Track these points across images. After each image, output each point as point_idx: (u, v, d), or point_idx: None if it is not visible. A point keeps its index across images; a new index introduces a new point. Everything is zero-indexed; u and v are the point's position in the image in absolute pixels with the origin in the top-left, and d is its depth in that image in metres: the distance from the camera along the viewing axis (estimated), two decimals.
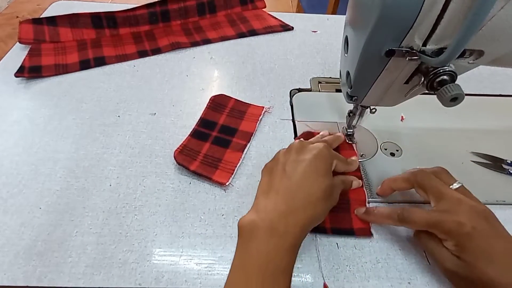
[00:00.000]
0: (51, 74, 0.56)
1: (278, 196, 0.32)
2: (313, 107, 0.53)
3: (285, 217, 0.31)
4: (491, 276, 0.28)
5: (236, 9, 0.73)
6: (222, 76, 0.58)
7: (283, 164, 0.35)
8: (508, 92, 0.57)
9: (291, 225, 0.31)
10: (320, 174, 0.34)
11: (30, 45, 0.60)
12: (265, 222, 0.31)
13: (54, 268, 0.34)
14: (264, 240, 0.30)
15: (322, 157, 0.35)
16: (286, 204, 0.32)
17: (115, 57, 0.60)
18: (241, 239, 0.31)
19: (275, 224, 0.30)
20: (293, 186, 0.33)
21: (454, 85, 0.28)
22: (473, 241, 0.30)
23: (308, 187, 0.33)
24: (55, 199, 0.40)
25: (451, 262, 0.31)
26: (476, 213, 0.31)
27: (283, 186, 0.33)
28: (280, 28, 0.69)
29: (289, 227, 0.30)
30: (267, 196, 0.33)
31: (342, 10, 0.98)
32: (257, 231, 0.30)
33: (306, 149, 0.36)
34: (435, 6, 0.26)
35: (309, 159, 0.34)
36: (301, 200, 0.32)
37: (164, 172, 0.43)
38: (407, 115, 0.51)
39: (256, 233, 0.30)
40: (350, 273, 0.35)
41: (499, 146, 0.47)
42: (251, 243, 0.30)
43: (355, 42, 0.33)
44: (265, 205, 0.32)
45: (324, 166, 0.35)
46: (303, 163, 0.34)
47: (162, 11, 0.67)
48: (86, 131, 0.48)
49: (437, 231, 0.32)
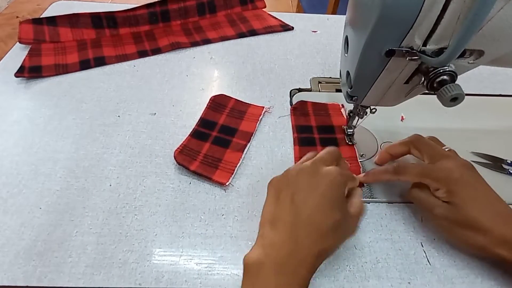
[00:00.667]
0: (51, 74, 0.56)
1: (285, 230, 0.30)
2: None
3: (294, 256, 0.29)
4: (475, 216, 0.33)
5: (236, 9, 0.73)
6: (222, 76, 0.58)
7: (293, 191, 0.32)
8: (508, 92, 0.57)
9: (301, 263, 0.29)
10: (333, 207, 0.31)
11: (30, 45, 0.60)
12: (272, 260, 0.29)
13: (54, 268, 0.34)
14: (272, 280, 0.28)
15: (336, 185, 0.32)
16: (295, 241, 0.29)
17: (115, 57, 0.60)
18: (246, 276, 0.30)
19: (283, 263, 0.29)
20: (302, 221, 0.30)
21: (454, 85, 0.28)
22: (461, 186, 0.34)
23: (318, 222, 0.30)
24: (55, 199, 0.40)
25: (441, 208, 0.34)
26: (462, 164, 0.35)
27: (291, 218, 0.30)
28: (280, 28, 0.69)
29: (298, 267, 0.29)
30: (274, 227, 0.31)
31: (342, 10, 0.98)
32: (264, 270, 0.29)
33: (319, 175, 0.32)
34: (435, 6, 0.26)
35: (322, 191, 0.31)
36: (312, 235, 0.30)
37: (164, 172, 0.43)
38: (407, 115, 0.51)
39: (262, 272, 0.29)
40: (350, 273, 0.35)
41: (499, 146, 0.47)
42: (258, 282, 0.29)
43: (355, 42, 0.33)
44: (271, 240, 0.30)
45: (337, 197, 0.32)
46: (314, 194, 0.31)
47: (162, 11, 0.67)
48: (86, 131, 0.48)
49: (429, 180, 0.35)
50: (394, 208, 0.40)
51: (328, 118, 0.50)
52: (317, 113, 0.51)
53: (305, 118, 0.50)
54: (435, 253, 0.36)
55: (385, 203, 0.41)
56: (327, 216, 0.30)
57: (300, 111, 0.51)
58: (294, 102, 0.53)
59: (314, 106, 0.52)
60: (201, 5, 0.70)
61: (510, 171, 0.44)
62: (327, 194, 0.31)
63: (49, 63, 0.57)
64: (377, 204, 0.41)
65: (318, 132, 0.48)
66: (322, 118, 0.50)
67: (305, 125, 0.49)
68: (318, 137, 0.48)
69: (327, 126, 0.49)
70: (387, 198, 0.41)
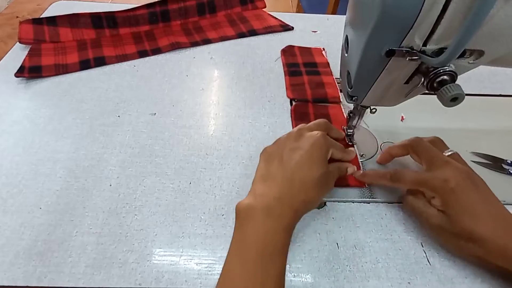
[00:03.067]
0: (51, 74, 0.56)
1: (274, 183, 0.34)
2: None
3: (280, 201, 0.33)
4: (471, 227, 0.32)
5: (236, 9, 0.73)
6: (222, 76, 0.58)
7: (281, 152, 0.37)
8: (508, 92, 0.57)
9: (286, 208, 0.33)
10: (314, 162, 0.35)
11: (30, 45, 0.60)
12: (261, 204, 0.32)
13: (54, 268, 0.34)
14: (260, 220, 0.31)
15: (318, 145, 0.36)
16: (282, 190, 0.33)
17: (115, 57, 0.60)
18: (238, 220, 0.33)
19: (271, 207, 0.32)
20: (288, 174, 0.34)
21: (454, 85, 0.28)
22: (456, 196, 0.33)
23: (302, 175, 0.34)
24: (55, 199, 0.40)
25: (436, 218, 0.34)
26: (459, 172, 0.34)
27: (279, 173, 0.35)
28: (280, 28, 0.69)
29: (285, 210, 0.32)
30: (264, 183, 0.35)
31: (342, 10, 0.98)
32: (254, 212, 0.32)
33: (303, 137, 0.37)
34: (435, 6, 0.26)
35: (305, 148, 0.36)
36: (296, 186, 0.34)
37: (164, 172, 0.43)
38: (407, 115, 0.51)
39: (252, 215, 0.32)
40: (350, 273, 0.35)
41: (499, 146, 0.47)
42: (247, 223, 0.32)
43: (355, 42, 0.33)
44: (262, 191, 0.34)
45: (319, 155, 0.36)
46: (299, 152, 0.36)
47: (162, 11, 0.67)
48: (86, 131, 0.48)
49: (425, 188, 0.35)
50: (394, 208, 0.40)
51: (312, 57, 0.62)
52: (303, 53, 0.63)
53: (293, 57, 0.62)
54: (435, 253, 0.36)
55: (385, 203, 0.41)
56: (310, 170, 0.35)
57: (289, 52, 0.63)
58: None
59: (300, 49, 0.64)
60: (201, 5, 0.70)
61: (510, 171, 0.44)
62: (309, 153, 0.35)
63: (49, 63, 0.57)
64: (377, 204, 0.41)
65: (304, 66, 0.60)
66: (307, 57, 0.62)
67: (293, 62, 0.61)
68: (304, 70, 0.59)
69: (311, 62, 0.61)
70: (387, 198, 0.41)
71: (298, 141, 0.37)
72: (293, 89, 0.55)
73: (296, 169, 0.34)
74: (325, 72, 0.58)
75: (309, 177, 0.34)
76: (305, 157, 0.35)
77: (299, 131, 0.39)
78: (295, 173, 0.34)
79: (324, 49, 0.64)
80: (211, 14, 0.71)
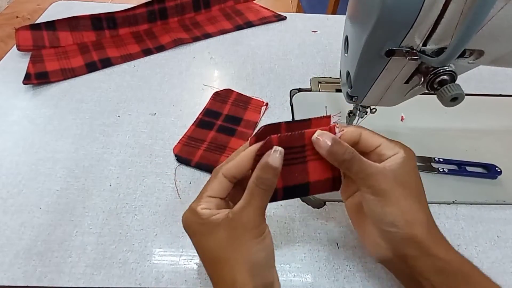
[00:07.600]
0: (59, 79, 0.55)
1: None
2: (313, 107, 0.53)
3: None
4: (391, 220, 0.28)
5: (229, 3, 0.75)
6: (222, 76, 0.58)
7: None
8: (508, 92, 0.57)
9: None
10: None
11: (30, 52, 0.59)
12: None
13: (54, 268, 0.34)
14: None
15: (189, 232, 0.31)
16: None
17: (120, 57, 0.60)
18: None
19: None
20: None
21: (454, 85, 0.28)
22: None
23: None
24: (55, 199, 0.40)
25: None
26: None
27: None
28: (274, 19, 0.72)
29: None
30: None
31: (342, 10, 0.98)
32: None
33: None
34: (435, 6, 0.26)
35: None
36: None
37: (164, 172, 0.43)
38: (407, 115, 0.51)
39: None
40: (350, 273, 0.35)
41: (499, 146, 0.47)
42: None
43: (355, 42, 0.33)
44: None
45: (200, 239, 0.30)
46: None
47: (160, 9, 0.67)
48: (86, 131, 0.48)
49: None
50: None
51: (243, 111, 0.51)
52: (235, 103, 0.52)
53: (220, 104, 0.52)
54: None
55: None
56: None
57: (221, 97, 0.53)
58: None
59: (238, 96, 0.53)
60: (196, 1, 0.71)
61: (440, 169, 0.43)
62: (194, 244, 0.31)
63: (55, 68, 0.57)
64: None
65: (223, 120, 0.49)
66: (238, 109, 0.51)
67: (216, 111, 0.51)
68: (219, 124, 0.48)
69: (236, 117, 0.50)
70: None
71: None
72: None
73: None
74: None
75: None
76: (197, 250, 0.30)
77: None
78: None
79: (267, 104, 0.52)
80: (206, 9, 0.73)
